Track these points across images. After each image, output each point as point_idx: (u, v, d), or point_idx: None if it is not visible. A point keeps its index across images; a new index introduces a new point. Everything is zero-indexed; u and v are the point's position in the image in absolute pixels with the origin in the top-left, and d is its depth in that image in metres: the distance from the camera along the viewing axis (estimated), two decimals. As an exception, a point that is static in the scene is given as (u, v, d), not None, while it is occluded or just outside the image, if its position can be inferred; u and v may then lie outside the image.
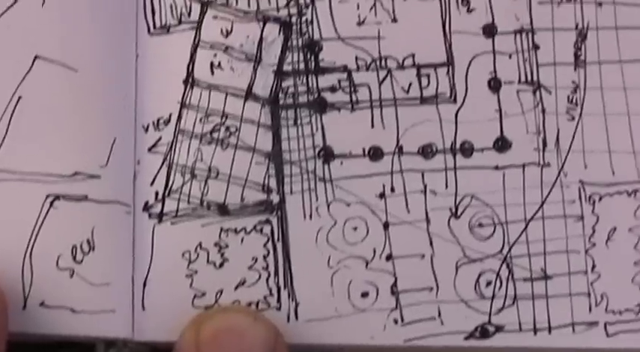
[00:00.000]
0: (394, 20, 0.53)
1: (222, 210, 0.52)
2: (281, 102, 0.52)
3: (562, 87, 0.54)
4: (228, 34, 0.52)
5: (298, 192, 0.52)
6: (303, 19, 0.53)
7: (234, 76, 0.52)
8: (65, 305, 0.50)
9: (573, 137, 0.54)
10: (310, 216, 0.52)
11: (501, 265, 0.53)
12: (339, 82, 0.53)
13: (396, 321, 0.53)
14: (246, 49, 0.52)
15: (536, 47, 0.54)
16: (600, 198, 0.54)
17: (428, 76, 0.53)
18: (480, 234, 0.53)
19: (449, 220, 0.53)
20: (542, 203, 0.53)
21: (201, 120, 0.52)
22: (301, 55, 0.52)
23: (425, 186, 0.53)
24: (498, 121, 0.53)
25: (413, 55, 0.53)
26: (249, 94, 0.52)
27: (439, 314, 0.53)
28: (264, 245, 0.52)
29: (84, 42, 0.51)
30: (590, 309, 0.54)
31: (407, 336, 0.53)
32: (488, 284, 0.53)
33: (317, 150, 0.52)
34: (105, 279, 0.51)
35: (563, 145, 0.53)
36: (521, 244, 0.53)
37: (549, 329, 0.53)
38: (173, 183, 0.52)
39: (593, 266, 0.54)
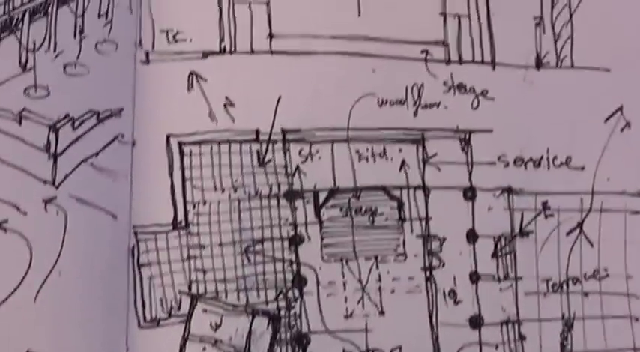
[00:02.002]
0: (382, 313, 0.54)
1: None
2: (270, 394, 0.53)
3: (549, 383, 0.54)
4: (217, 327, 0.53)
5: None
6: (292, 312, 0.53)
7: (224, 371, 0.53)
8: None
9: None
10: None
11: None
12: (327, 374, 0.53)
13: None
14: (235, 342, 0.53)
15: (522, 338, 0.54)
16: None
17: (414, 369, 0.53)
18: None
19: None
20: None
21: (190, 413, 0.52)
22: (289, 347, 0.53)
23: None
24: None
25: (400, 347, 0.53)
26: (238, 390, 0.52)
27: None
28: None
29: (75, 337, 0.51)
30: None
31: None
32: None
33: None
34: None
35: None
36: None
37: None
38: None
39: None
